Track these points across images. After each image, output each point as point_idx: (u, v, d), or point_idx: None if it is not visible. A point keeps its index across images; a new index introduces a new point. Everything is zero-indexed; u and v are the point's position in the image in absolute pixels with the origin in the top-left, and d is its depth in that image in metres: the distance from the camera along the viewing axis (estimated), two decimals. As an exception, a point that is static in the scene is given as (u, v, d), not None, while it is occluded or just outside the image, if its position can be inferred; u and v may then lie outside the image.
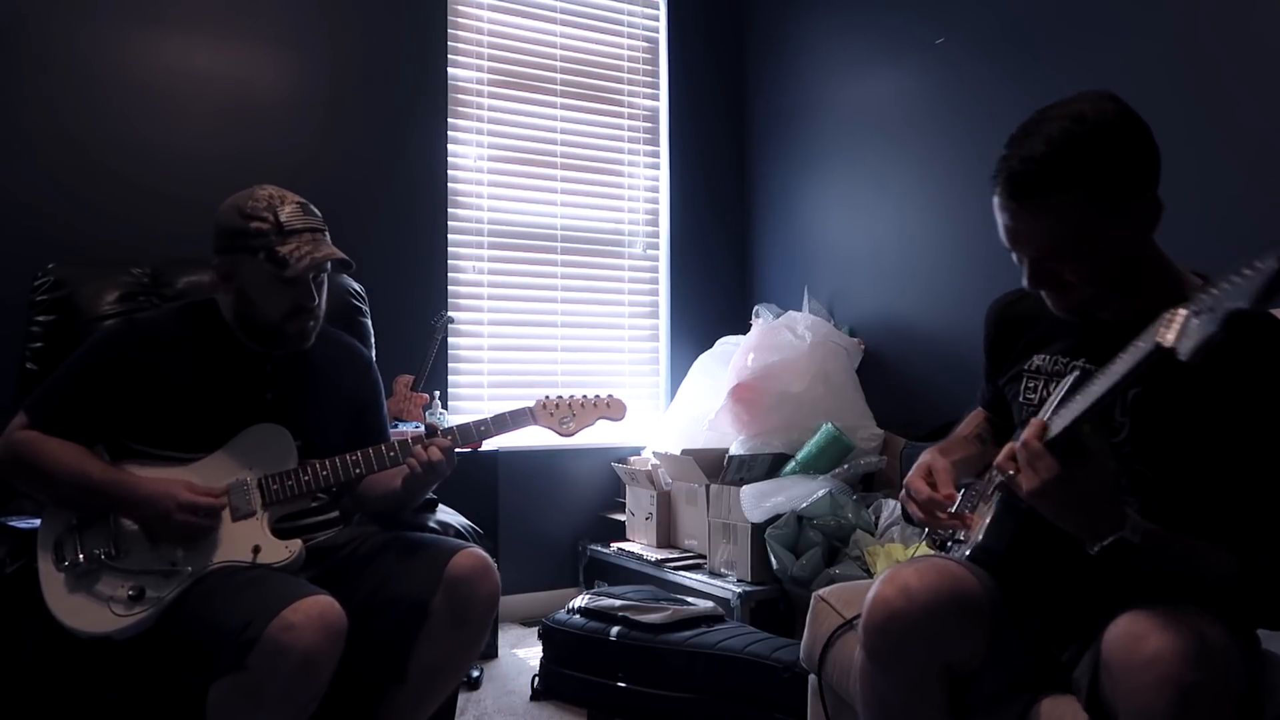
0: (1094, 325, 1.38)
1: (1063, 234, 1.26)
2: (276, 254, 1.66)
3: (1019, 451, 1.21)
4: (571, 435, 1.84)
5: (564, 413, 1.83)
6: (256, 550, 1.62)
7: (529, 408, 1.82)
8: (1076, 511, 1.19)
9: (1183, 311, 1.03)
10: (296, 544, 1.65)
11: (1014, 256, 1.37)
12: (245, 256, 1.68)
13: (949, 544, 1.50)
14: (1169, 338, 1.03)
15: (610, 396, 1.88)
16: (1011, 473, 1.23)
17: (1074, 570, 1.35)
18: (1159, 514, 1.23)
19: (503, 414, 1.80)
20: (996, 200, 1.31)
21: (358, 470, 1.71)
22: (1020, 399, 1.48)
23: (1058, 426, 1.20)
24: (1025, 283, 1.35)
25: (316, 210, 1.74)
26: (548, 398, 1.84)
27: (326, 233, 1.74)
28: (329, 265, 1.74)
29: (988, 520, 1.35)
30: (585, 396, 1.86)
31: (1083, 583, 1.35)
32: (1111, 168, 1.23)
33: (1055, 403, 1.28)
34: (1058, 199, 1.23)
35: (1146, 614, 1.14)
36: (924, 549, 1.56)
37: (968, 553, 1.36)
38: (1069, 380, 1.29)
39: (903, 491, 1.49)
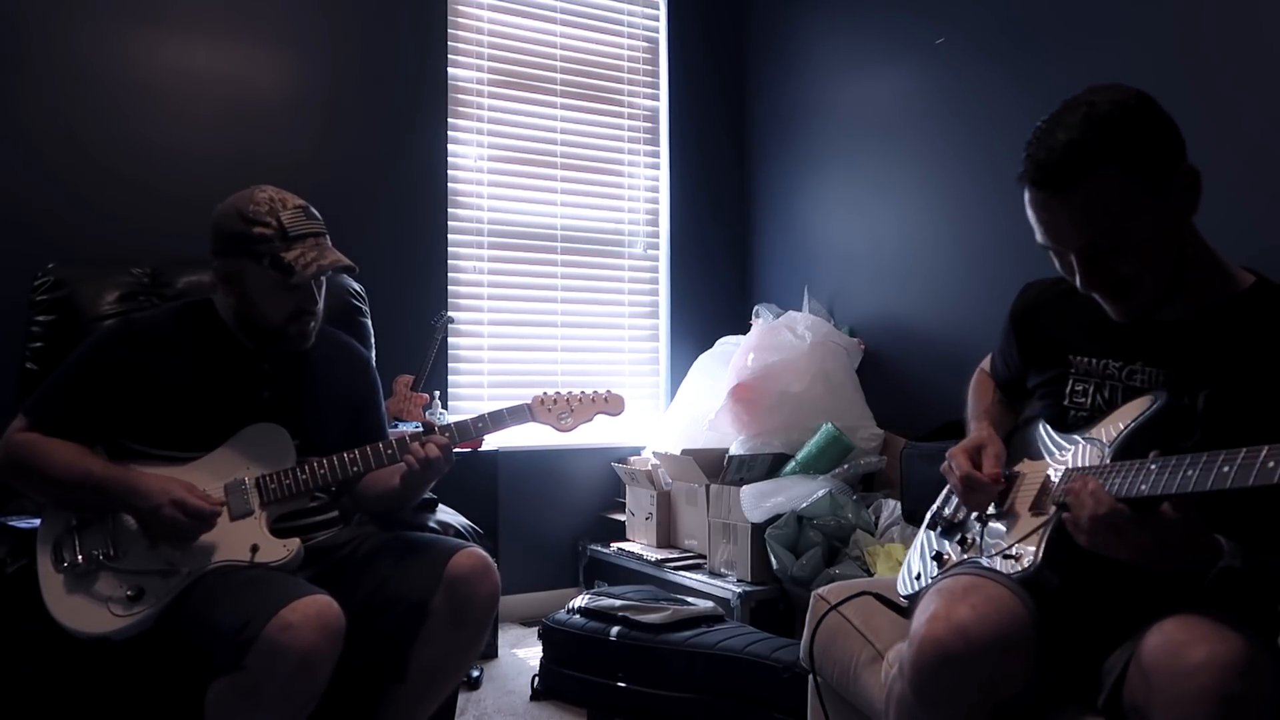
0: (1145, 324, 1.33)
1: (1107, 216, 1.22)
2: (281, 260, 1.65)
3: (1099, 522, 1.15)
4: (570, 431, 1.82)
5: (562, 408, 1.83)
6: (254, 549, 1.62)
7: (527, 404, 1.82)
8: (1174, 555, 1.15)
9: None
10: (295, 543, 1.65)
11: (1057, 262, 1.32)
12: (248, 261, 1.67)
13: (966, 533, 1.45)
14: None
15: (609, 392, 1.87)
16: (1098, 541, 1.16)
17: (1116, 586, 1.31)
18: (1237, 513, 1.18)
19: (500, 410, 1.80)
20: (1029, 197, 1.27)
21: (356, 469, 1.71)
22: (1066, 401, 1.42)
23: (1131, 487, 1.15)
24: (1080, 285, 1.29)
25: (317, 213, 1.74)
26: (545, 393, 1.83)
27: (328, 236, 1.74)
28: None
29: (1044, 543, 1.28)
30: (584, 392, 1.86)
31: (1123, 598, 1.30)
32: (1140, 138, 1.22)
33: (1136, 421, 1.24)
34: (1096, 178, 1.21)
35: (1189, 622, 1.12)
36: (929, 541, 1.53)
37: (1019, 575, 1.30)
38: (1156, 404, 1.25)
39: (945, 462, 1.47)
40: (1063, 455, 1.39)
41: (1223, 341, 1.24)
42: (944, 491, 1.56)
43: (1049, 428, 1.45)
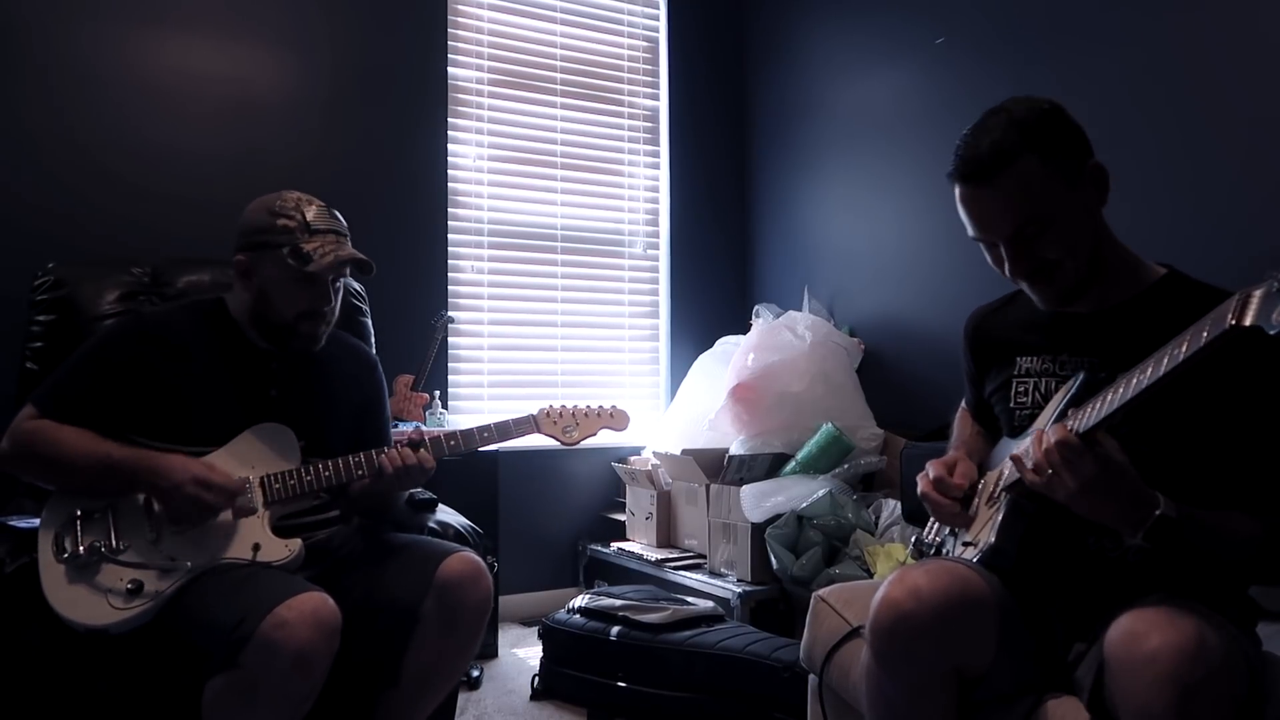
0: (1066, 320, 1.42)
1: (1030, 201, 1.32)
2: (300, 250, 1.68)
3: (1052, 452, 1.19)
4: (574, 444, 1.86)
5: (567, 422, 1.86)
6: (256, 548, 1.62)
7: (533, 415, 1.84)
8: (1117, 500, 1.20)
9: (1258, 291, 1.00)
10: (296, 543, 1.65)
11: (989, 256, 1.41)
12: (269, 252, 1.70)
13: (943, 550, 1.50)
14: (1247, 319, 1.00)
15: (614, 408, 1.91)
16: (1048, 474, 1.21)
17: (1079, 570, 1.35)
18: (1162, 490, 1.23)
19: (506, 421, 1.80)
20: (960, 194, 1.39)
21: (360, 472, 1.70)
22: (1012, 404, 1.48)
23: (1087, 422, 1.20)
24: (1009, 272, 1.37)
25: (342, 218, 1.78)
26: (551, 407, 1.86)
27: (349, 238, 1.77)
28: (349, 269, 1.76)
29: (998, 521, 1.34)
30: (589, 407, 1.89)
31: (1088, 583, 1.35)
32: (1053, 133, 1.34)
33: (1063, 401, 1.29)
34: (1017, 166, 1.31)
35: (1147, 613, 1.15)
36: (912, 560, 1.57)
37: (977, 556, 1.35)
38: (1078, 380, 1.30)
39: (922, 470, 1.52)
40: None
41: (1138, 327, 1.31)
42: (927, 523, 1.60)
43: (1006, 441, 1.51)
